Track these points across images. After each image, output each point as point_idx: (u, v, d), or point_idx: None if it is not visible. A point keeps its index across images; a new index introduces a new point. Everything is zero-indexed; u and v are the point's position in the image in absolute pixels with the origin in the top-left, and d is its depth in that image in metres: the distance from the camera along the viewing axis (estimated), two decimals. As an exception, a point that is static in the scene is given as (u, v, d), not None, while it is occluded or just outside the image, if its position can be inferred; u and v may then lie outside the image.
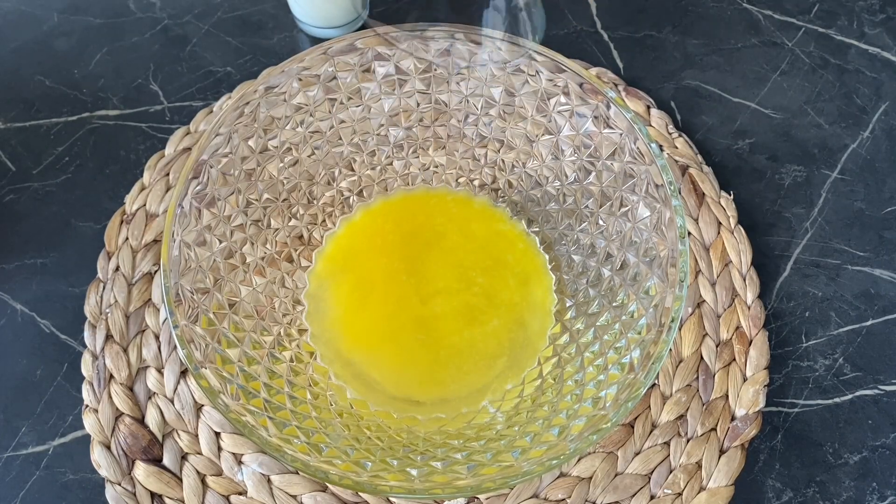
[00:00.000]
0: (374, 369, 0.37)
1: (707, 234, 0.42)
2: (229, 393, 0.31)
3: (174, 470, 0.37)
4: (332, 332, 0.38)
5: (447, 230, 0.40)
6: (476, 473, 0.30)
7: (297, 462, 0.29)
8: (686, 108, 0.48)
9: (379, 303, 0.39)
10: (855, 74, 0.49)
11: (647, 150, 0.33)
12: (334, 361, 0.37)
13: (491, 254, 0.40)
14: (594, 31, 0.50)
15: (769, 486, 0.37)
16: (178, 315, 0.31)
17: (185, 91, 0.48)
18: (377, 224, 0.41)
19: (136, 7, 0.51)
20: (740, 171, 0.45)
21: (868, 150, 0.46)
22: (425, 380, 0.37)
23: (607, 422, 0.29)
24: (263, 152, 0.37)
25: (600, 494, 0.36)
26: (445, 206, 0.41)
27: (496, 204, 0.41)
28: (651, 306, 0.33)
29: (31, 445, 0.38)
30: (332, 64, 0.36)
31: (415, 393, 0.37)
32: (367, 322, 0.38)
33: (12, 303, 0.41)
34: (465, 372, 0.37)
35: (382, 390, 0.37)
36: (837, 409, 0.39)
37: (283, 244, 0.39)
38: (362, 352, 0.37)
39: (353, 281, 0.39)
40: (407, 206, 0.41)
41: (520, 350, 0.37)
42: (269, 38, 0.49)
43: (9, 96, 0.47)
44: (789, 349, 0.41)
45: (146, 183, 0.43)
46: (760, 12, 0.51)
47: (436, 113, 0.40)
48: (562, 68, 0.35)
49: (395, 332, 0.38)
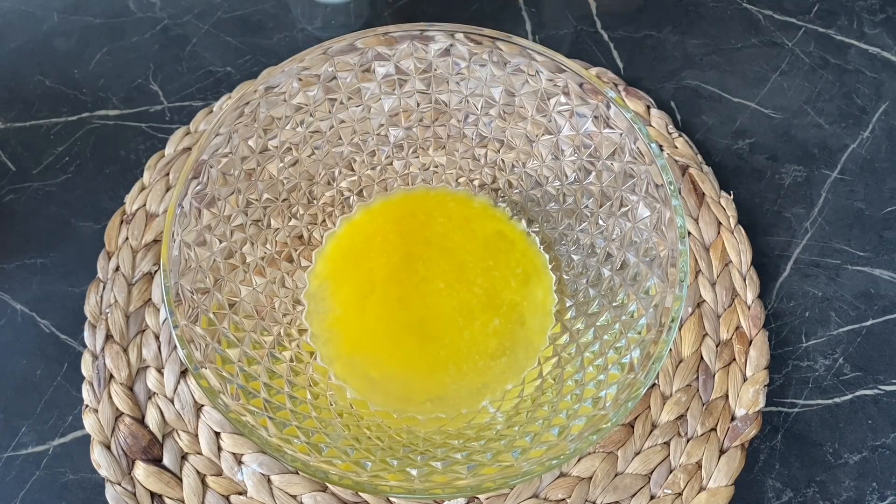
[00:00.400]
0: (374, 369, 0.37)
1: (707, 234, 0.42)
2: (229, 393, 0.31)
3: (174, 470, 0.37)
4: (332, 331, 0.38)
5: (447, 230, 0.40)
6: (476, 473, 0.30)
7: (297, 462, 0.29)
8: (686, 108, 0.48)
9: (379, 303, 0.39)
10: (855, 74, 0.49)
11: (647, 150, 0.33)
12: (334, 361, 0.37)
13: (491, 254, 0.40)
14: (594, 31, 0.50)
15: (769, 486, 0.37)
16: (178, 315, 0.31)
17: (185, 91, 0.48)
18: (377, 224, 0.41)
19: (136, 7, 0.51)
20: (740, 171, 0.45)
21: (868, 150, 0.46)
22: (425, 380, 0.37)
23: (607, 422, 0.29)
24: (263, 152, 0.37)
25: (600, 494, 0.36)
26: (445, 206, 0.41)
27: (496, 204, 0.41)
28: (651, 306, 0.33)
29: (31, 445, 0.38)
30: (332, 64, 0.36)
31: (415, 393, 0.37)
32: (366, 322, 0.38)
33: (12, 303, 0.41)
34: (465, 372, 0.37)
35: (382, 390, 0.37)
36: (837, 409, 0.39)
37: (283, 244, 0.39)
38: (362, 352, 0.37)
39: (353, 281, 0.39)
40: (407, 206, 0.41)
41: (520, 350, 0.37)
42: (269, 38, 0.49)
43: (9, 96, 0.47)
44: (789, 349, 0.41)
45: (146, 183, 0.43)
46: (760, 12, 0.51)
47: (436, 113, 0.40)
48: (562, 68, 0.35)
49: (395, 331, 0.38)
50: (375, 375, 0.37)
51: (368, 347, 0.38)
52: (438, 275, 0.39)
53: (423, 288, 0.39)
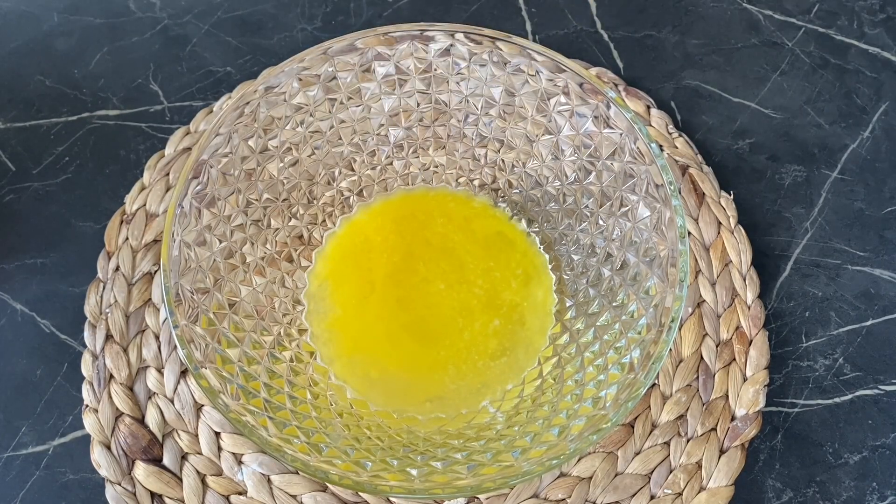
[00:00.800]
0: (374, 369, 0.37)
1: (707, 234, 0.42)
2: (229, 393, 0.31)
3: (174, 470, 0.37)
4: (332, 332, 0.38)
5: (447, 230, 0.40)
6: (476, 473, 0.30)
7: (297, 462, 0.29)
8: (686, 108, 0.48)
9: (379, 303, 0.39)
10: (855, 74, 0.49)
11: (647, 150, 0.33)
12: (334, 361, 0.37)
13: (491, 254, 0.40)
14: (594, 31, 0.50)
15: (769, 486, 0.37)
16: (178, 315, 0.31)
17: (185, 91, 0.48)
18: (377, 224, 0.41)
19: (136, 7, 0.51)
20: (740, 171, 0.45)
21: (868, 150, 0.46)
22: (425, 380, 0.37)
23: (607, 422, 0.29)
24: (263, 152, 0.37)
25: (600, 494, 0.36)
26: (445, 206, 0.41)
27: (496, 204, 0.41)
28: (651, 306, 0.33)
29: (31, 445, 0.38)
30: (332, 64, 0.36)
31: (415, 393, 0.37)
32: (366, 322, 0.38)
33: (12, 303, 0.41)
34: (465, 372, 0.37)
35: (382, 390, 0.37)
36: (837, 409, 0.39)
37: (283, 244, 0.39)
38: (362, 352, 0.38)
39: (353, 281, 0.39)
40: (407, 206, 0.41)
41: (520, 350, 0.37)
42: (269, 38, 0.49)
43: (9, 96, 0.47)
44: (789, 349, 0.41)
45: (146, 183, 0.43)
46: (760, 12, 0.51)
47: (436, 113, 0.40)
48: (562, 68, 0.35)
49: (395, 332, 0.38)
50: (375, 375, 0.37)
51: (368, 347, 0.38)
52: (438, 275, 0.39)
53: (424, 288, 0.39)
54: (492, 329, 0.38)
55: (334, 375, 0.37)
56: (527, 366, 0.37)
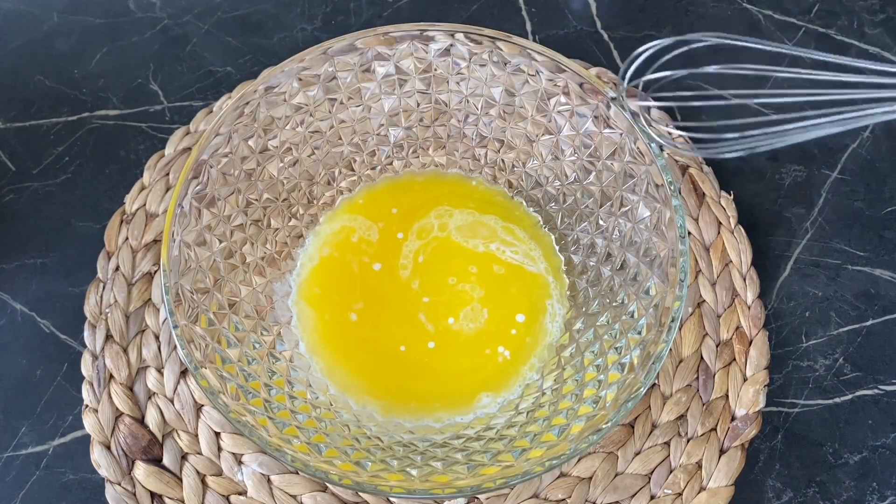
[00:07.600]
0: (373, 371, 0.37)
1: (707, 234, 0.42)
2: (229, 393, 0.31)
3: (174, 470, 0.37)
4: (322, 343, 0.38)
5: (441, 227, 0.40)
6: (476, 473, 0.30)
7: (297, 462, 0.29)
8: (686, 108, 0.47)
9: (376, 306, 0.39)
10: (855, 74, 0.48)
11: (647, 150, 0.33)
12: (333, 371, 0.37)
13: (491, 254, 0.40)
14: (594, 31, 0.50)
15: (769, 486, 0.37)
16: (178, 315, 0.31)
17: (185, 91, 0.48)
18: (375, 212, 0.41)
19: (136, 7, 0.51)
20: (740, 171, 0.45)
21: (868, 150, 0.46)
22: (425, 380, 0.37)
23: (607, 422, 0.29)
24: (263, 152, 0.37)
25: (600, 494, 0.36)
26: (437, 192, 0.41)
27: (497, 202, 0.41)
28: (651, 306, 0.33)
29: (30, 445, 0.38)
30: (332, 64, 0.36)
31: (413, 394, 0.37)
32: (361, 327, 0.38)
33: (12, 303, 0.41)
34: (465, 372, 0.37)
35: (381, 392, 0.37)
36: (837, 409, 0.39)
37: (282, 244, 0.39)
38: (356, 359, 0.37)
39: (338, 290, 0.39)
40: (395, 198, 0.41)
41: (521, 350, 0.37)
42: (269, 38, 0.49)
43: (9, 96, 0.47)
44: (789, 349, 0.41)
45: (146, 183, 0.43)
46: (760, 12, 0.51)
47: (436, 113, 0.40)
48: (562, 68, 0.35)
49: (395, 333, 0.38)
50: (370, 381, 0.37)
51: (362, 353, 0.38)
52: (434, 275, 0.39)
53: (424, 287, 0.39)
54: (492, 329, 0.38)
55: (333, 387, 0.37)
56: (526, 366, 0.37)
